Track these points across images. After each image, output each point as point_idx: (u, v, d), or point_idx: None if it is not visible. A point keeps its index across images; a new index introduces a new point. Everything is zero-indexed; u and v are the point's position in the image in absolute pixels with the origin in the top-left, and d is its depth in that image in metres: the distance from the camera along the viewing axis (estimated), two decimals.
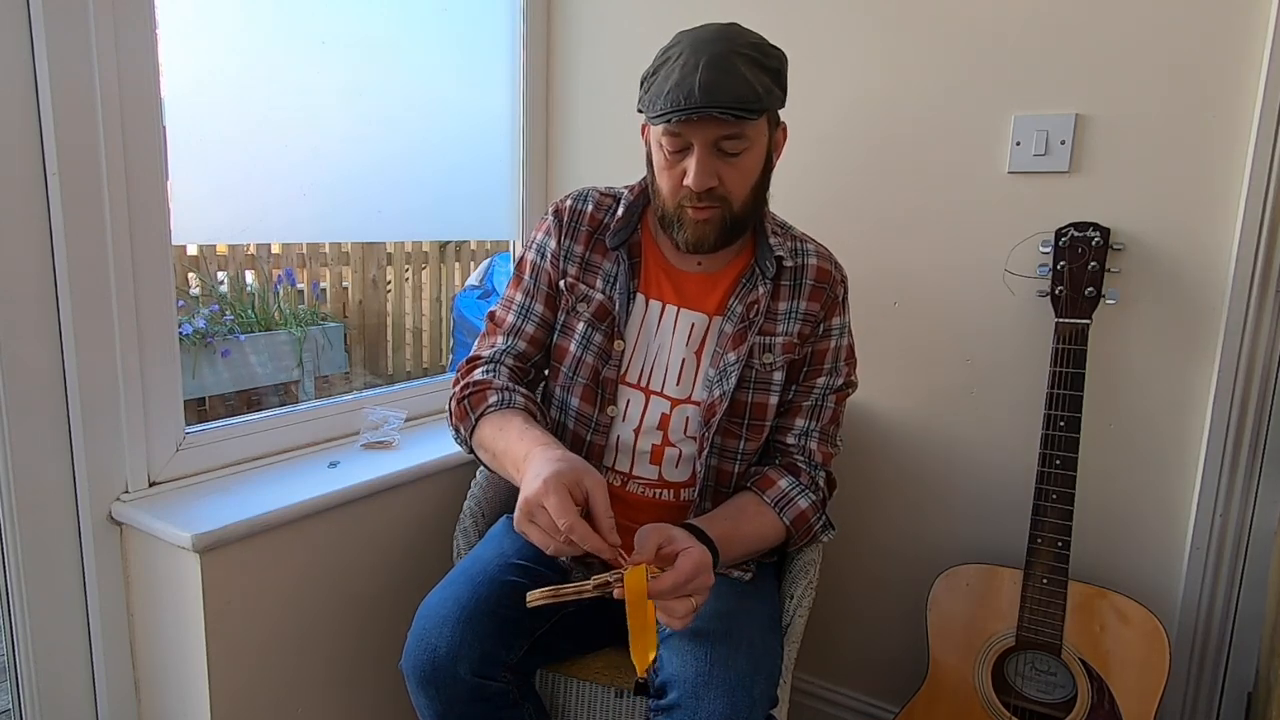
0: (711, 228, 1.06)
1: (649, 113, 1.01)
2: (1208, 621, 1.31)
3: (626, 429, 1.14)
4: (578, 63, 1.79)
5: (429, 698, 1.00)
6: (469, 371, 1.16)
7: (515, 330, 1.18)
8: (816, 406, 1.17)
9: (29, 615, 1.12)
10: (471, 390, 1.10)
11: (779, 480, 1.13)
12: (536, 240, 1.20)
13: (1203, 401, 1.28)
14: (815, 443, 1.16)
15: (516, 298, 1.20)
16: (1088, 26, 1.28)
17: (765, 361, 1.13)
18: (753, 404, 1.13)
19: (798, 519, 1.11)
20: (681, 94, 0.96)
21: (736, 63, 0.97)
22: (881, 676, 1.62)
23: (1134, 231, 1.29)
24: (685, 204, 1.05)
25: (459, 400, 1.11)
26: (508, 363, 1.16)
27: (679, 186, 1.04)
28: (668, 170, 1.05)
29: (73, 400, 1.10)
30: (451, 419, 1.13)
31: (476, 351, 1.19)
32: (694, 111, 0.95)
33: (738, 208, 1.06)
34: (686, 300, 1.15)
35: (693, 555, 0.89)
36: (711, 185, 1.02)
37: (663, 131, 1.02)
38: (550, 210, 1.20)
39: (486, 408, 1.08)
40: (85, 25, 1.04)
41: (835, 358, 1.17)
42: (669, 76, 0.98)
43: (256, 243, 3.34)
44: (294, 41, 1.37)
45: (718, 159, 1.02)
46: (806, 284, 1.15)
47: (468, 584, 1.06)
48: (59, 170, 1.04)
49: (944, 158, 1.42)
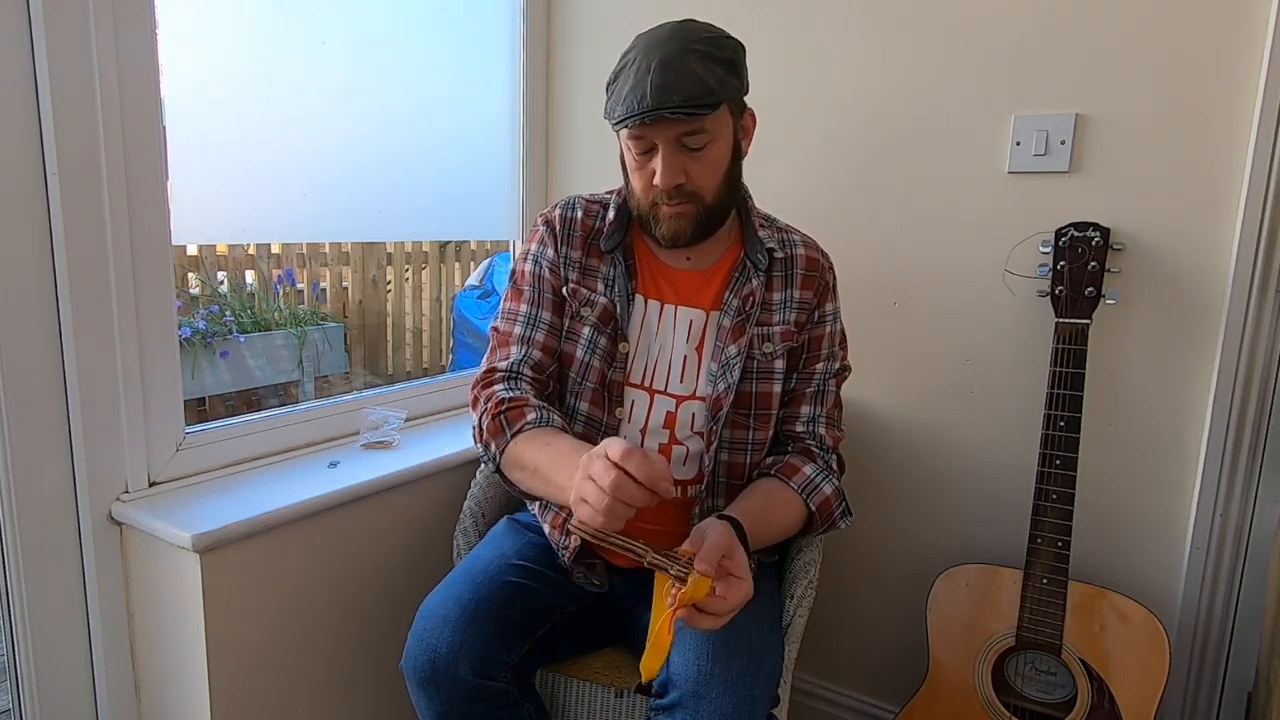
0: (686, 222, 1.07)
1: (611, 119, 1.03)
2: (1208, 621, 1.31)
3: (633, 429, 1.15)
4: (578, 63, 1.79)
5: (429, 698, 1.00)
6: (488, 384, 1.12)
7: (527, 340, 1.14)
8: (819, 392, 1.18)
9: (29, 615, 1.12)
10: (508, 406, 1.07)
11: (803, 467, 1.12)
12: (531, 250, 1.19)
13: (1203, 401, 1.28)
14: (823, 428, 1.17)
15: (521, 309, 1.17)
16: (1088, 26, 1.28)
17: (765, 351, 1.13)
18: (758, 394, 1.14)
19: (823, 505, 1.12)
20: (635, 98, 0.98)
21: (689, 60, 0.99)
22: (881, 676, 1.62)
23: (1134, 231, 1.29)
24: (658, 201, 1.07)
25: (493, 416, 1.07)
26: (527, 375, 1.13)
27: (649, 185, 1.06)
28: (638, 171, 1.07)
29: (73, 400, 1.10)
30: (482, 435, 1.09)
31: (490, 364, 1.15)
32: (647, 115, 0.97)
33: (710, 200, 1.07)
34: (683, 298, 1.15)
35: (743, 589, 0.89)
36: (679, 182, 1.04)
37: (627, 135, 1.04)
38: (540, 221, 1.19)
39: (525, 424, 1.05)
40: (85, 25, 1.04)
41: (831, 343, 1.19)
42: (625, 81, 1.00)
43: (256, 243, 3.34)
44: (294, 42, 1.37)
45: (683, 155, 1.03)
46: (797, 273, 1.16)
47: (468, 584, 1.06)
48: (59, 170, 1.04)
49: (944, 158, 1.42)
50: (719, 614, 0.87)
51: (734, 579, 0.89)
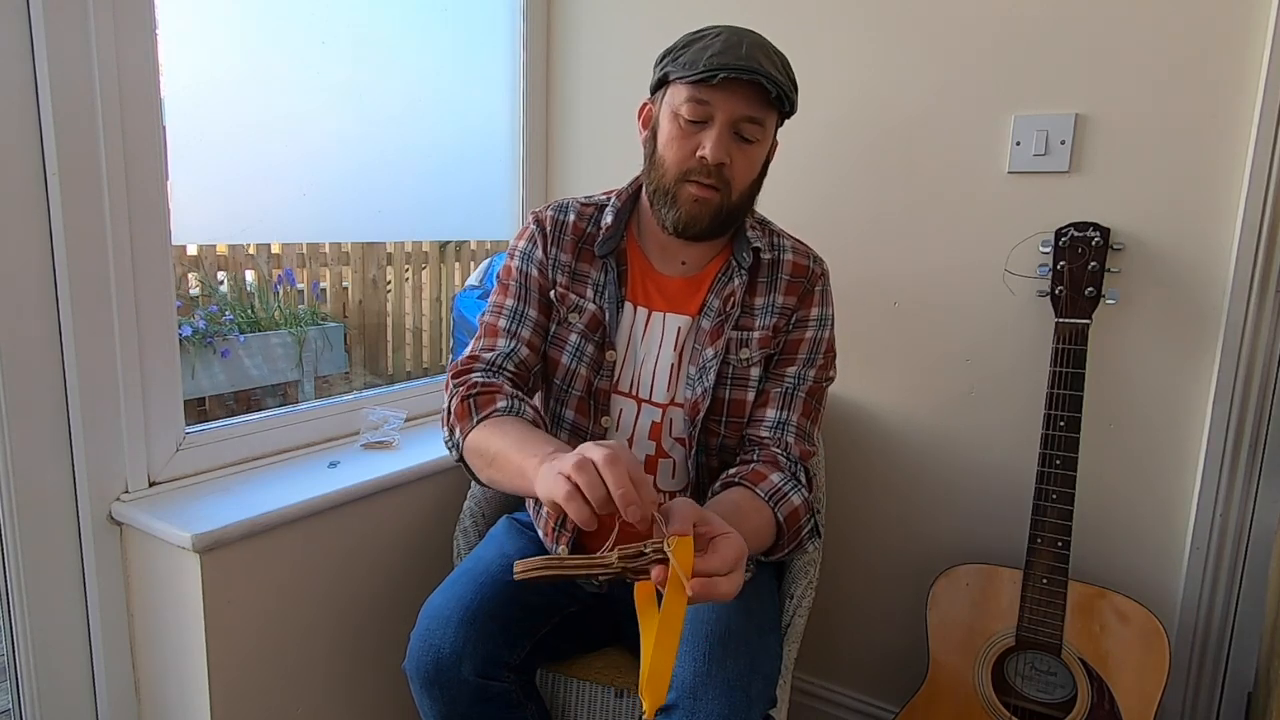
0: (707, 210, 1.04)
1: (686, 72, 0.99)
2: (1208, 621, 1.31)
3: (620, 438, 1.14)
4: (578, 62, 1.79)
5: (433, 699, 1.00)
6: (466, 371, 1.08)
7: (513, 334, 1.12)
8: (789, 395, 1.11)
9: (29, 615, 1.12)
10: (480, 390, 1.03)
11: (770, 475, 1.03)
12: (520, 248, 1.16)
13: (1203, 401, 1.28)
14: (792, 437, 1.08)
15: (507, 303, 1.14)
16: (1088, 26, 1.28)
17: (742, 358, 1.11)
18: (731, 400, 1.11)
19: (791, 516, 1.02)
20: (729, 57, 0.98)
21: (773, 54, 1.02)
22: (881, 676, 1.62)
23: (1134, 231, 1.29)
24: (691, 178, 1.03)
25: (462, 399, 1.03)
26: (509, 369, 1.09)
27: (688, 158, 1.03)
28: (679, 140, 1.03)
29: (73, 400, 1.10)
30: (449, 417, 1.05)
31: (472, 352, 1.11)
32: (744, 72, 0.96)
33: (735, 197, 1.06)
34: (671, 304, 1.13)
35: (733, 542, 0.79)
36: (724, 162, 1.02)
37: (688, 98, 1.00)
38: (531, 219, 1.17)
39: (494, 410, 1.01)
40: (85, 25, 1.04)
41: (811, 349, 1.12)
42: (708, 48, 1.00)
43: (256, 243, 3.34)
44: (294, 41, 1.37)
45: (733, 141, 1.03)
46: (782, 278, 1.13)
47: (471, 585, 1.06)
48: (59, 170, 1.04)
49: (944, 158, 1.42)
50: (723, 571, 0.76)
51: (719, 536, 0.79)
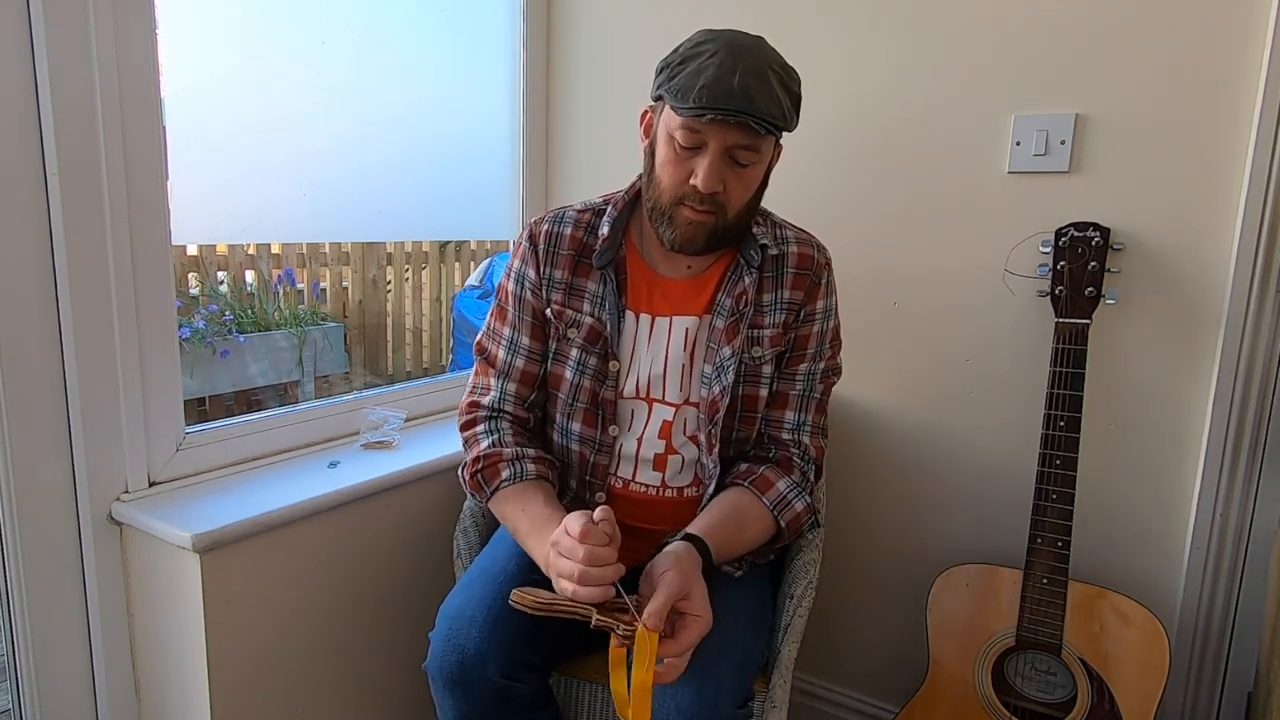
0: (702, 231, 1.06)
1: (678, 102, 0.98)
2: (1208, 621, 1.31)
3: (630, 439, 1.14)
4: (578, 62, 1.79)
5: (455, 699, 1.00)
6: (471, 425, 1.16)
7: (507, 369, 1.17)
8: (804, 396, 1.15)
9: (29, 615, 1.12)
10: (483, 465, 1.11)
11: (778, 482, 1.11)
12: (514, 269, 1.17)
13: (1202, 401, 1.28)
14: (809, 437, 1.15)
15: (504, 331, 1.18)
16: (1088, 26, 1.28)
17: (755, 355, 1.12)
18: (744, 396, 1.13)
19: (793, 521, 1.11)
20: (719, 92, 0.95)
21: (770, 79, 0.98)
22: (881, 676, 1.62)
23: (1134, 231, 1.29)
24: (684, 202, 1.04)
25: (471, 474, 1.12)
26: (508, 412, 1.16)
27: (682, 183, 1.03)
28: (675, 164, 1.03)
29: (73, 400, 1.10)
30: (465, 484, 1.14)
31: (473, 397, 1.19)
32: (730, 114, 0.95)
33: (732, 217, 1.06)
34: (676, 307, 1.13)
35: (699, 627, 0.90)
36: (717, 190, 1.02)
37: (681, 125, 1.00)
38: (525, 235, 1.17)
39: (500, 483, 1.09)
40: (85, 25, 1.04)
41: (820, 341, 1.15)
42: (702, 71, 0.97)
43: (256, 243, 3.34)
44: (294, 41, 1.37)
45: (727, 166, 1.02)
46: (788, 272, 1.14)
47: (490, 585, 1.06)
48: (59, 170, 1.04)
49: (944, 158, 1.42)
50: (676, 655, 0.89)
51: (690, 618, 0.90)
